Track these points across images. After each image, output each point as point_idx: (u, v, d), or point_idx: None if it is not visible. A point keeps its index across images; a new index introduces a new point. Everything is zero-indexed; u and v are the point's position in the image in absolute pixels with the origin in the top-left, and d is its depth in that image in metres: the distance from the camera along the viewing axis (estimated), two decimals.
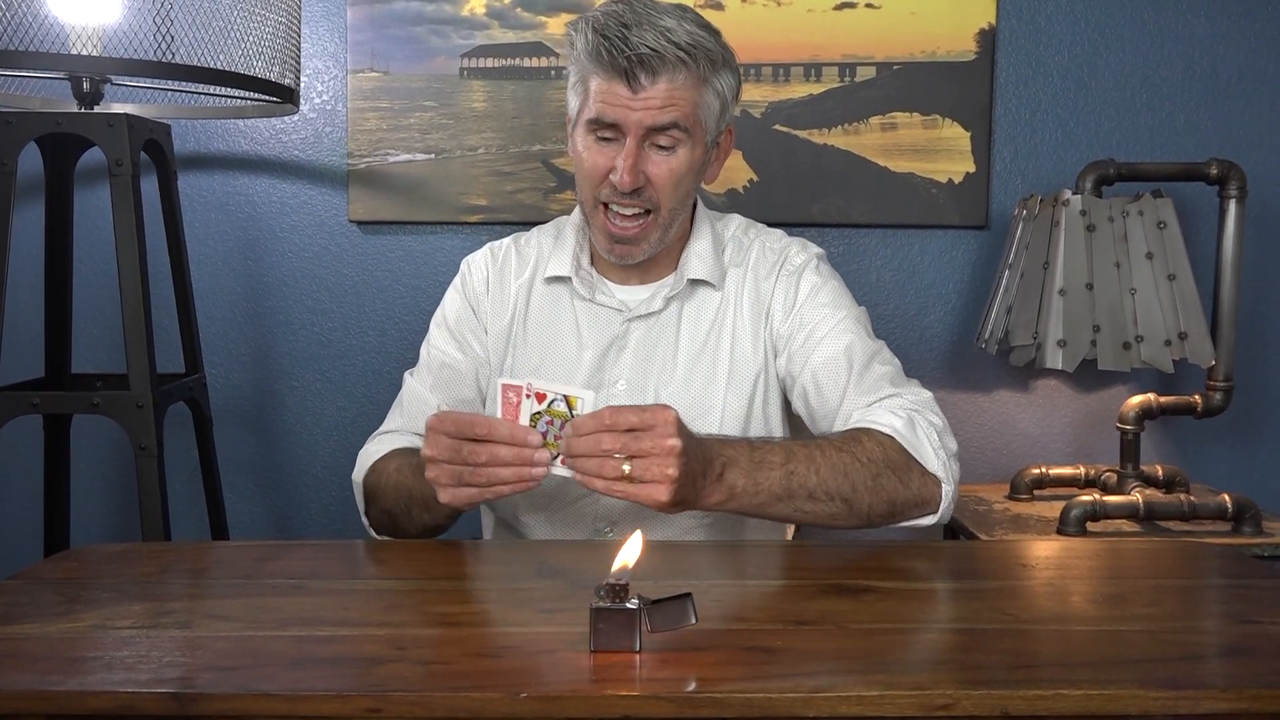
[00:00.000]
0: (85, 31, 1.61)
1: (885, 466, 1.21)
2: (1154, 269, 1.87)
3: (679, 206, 1.38)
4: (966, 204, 2.15)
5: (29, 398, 1.70)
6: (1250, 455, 2.24)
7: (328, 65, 2.16)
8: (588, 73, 1.33)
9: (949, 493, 1.25)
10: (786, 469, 1.17)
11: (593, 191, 1.36)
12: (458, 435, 1.11)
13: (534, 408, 1.09)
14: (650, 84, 1.29)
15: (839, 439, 1.24)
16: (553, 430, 1.09)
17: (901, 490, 1.22)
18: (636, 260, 1.40)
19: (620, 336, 1.43)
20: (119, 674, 0.83)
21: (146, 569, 1.13)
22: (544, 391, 1.09)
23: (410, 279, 2.18)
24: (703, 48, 1.31)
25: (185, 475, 2.13)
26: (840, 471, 1.19)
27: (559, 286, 1.47)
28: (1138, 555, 1.28)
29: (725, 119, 1.40)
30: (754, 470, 1.15)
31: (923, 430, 1.27)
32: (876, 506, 1.21)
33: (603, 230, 1.38)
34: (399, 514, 1.32)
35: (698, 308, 1.44)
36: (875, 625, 0.96)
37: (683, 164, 1.35)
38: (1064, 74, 2.16)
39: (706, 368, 1.42)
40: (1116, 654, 0.89)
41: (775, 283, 1.44)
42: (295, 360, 2.20)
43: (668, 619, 0.87)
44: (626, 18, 1.29)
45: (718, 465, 1.13)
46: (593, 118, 1.33)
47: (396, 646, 0.89)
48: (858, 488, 1.19)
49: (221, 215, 2.17)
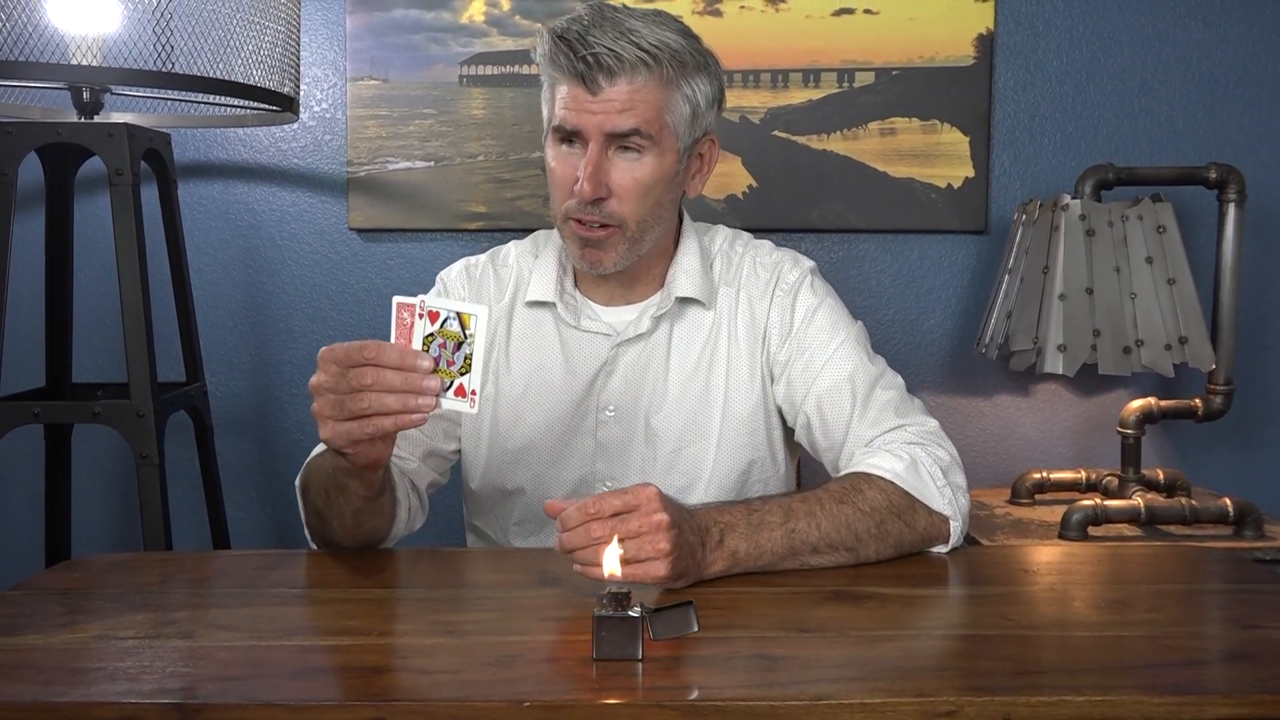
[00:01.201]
0: (85, 41, 1.61)
1: (889, 513, 1.19)
2: (1154, 273, 1.87)
3: (648, 218, 1.31)
4: (966, 209, 2.16)
5: (30, 407, 1.70)
6: (1251, 459, 2.24)
7: (327, 73, 2.16)
8: (552, 79, 1.29)
9: (958, 529, 1.23)
10: (787, 528, 1.14)
11: (562, 205, 1.31)
12: (347, 364, 1.03)
13: (427, 329, 1.03)
14: (609, 85, 1.24)
15: (839, 489, 1.20)
16: (445, 354, 1.04)
17: (908, 533, 1.20)
18: (607, 270, 1.33)
19: (609, 361, 1.38)
20: (122, 685, 0.83)
21: (148, 579, 1.13)
22: (437, 310, 1.05)
23: (410, 286, 2.18)
24: (669, 49, 1.26)
25: (186, 484, 2.13)
26: (843, 524, 1.16)
27: (541, 311, 1.41)
28: (1139, 560, 1.28)
29: (702, 126, 1.33)
30: (753, 533, 1.12)
31: (925, 471, 1.23)
32: (884, 551, 1.19)
33: (573, 238, 1.32)
34: (324, 508, 1.22)
35: (689, 328, 1.39)
36: (878, 632, 0.96)
37: (649, 173, 1.28)
38: (1062, 79, 2.16)
39: (699, 391, 1.38)
40: (1119, 660, 0.89)
41: (770, 304, 1.39)
42: (296, 368, 2.20)
43: (670, 627, 0.87)
44: (589, 20, 1.26)
45: (715, 533, 1.10)
46: (556, 124, 1.29)
47: (400, 656, 0.89)
48: (862, 537, 1.17)
49: (222, 224, 2.18)
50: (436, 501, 2.25)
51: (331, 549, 1.26)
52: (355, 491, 1.16)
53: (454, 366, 1.04)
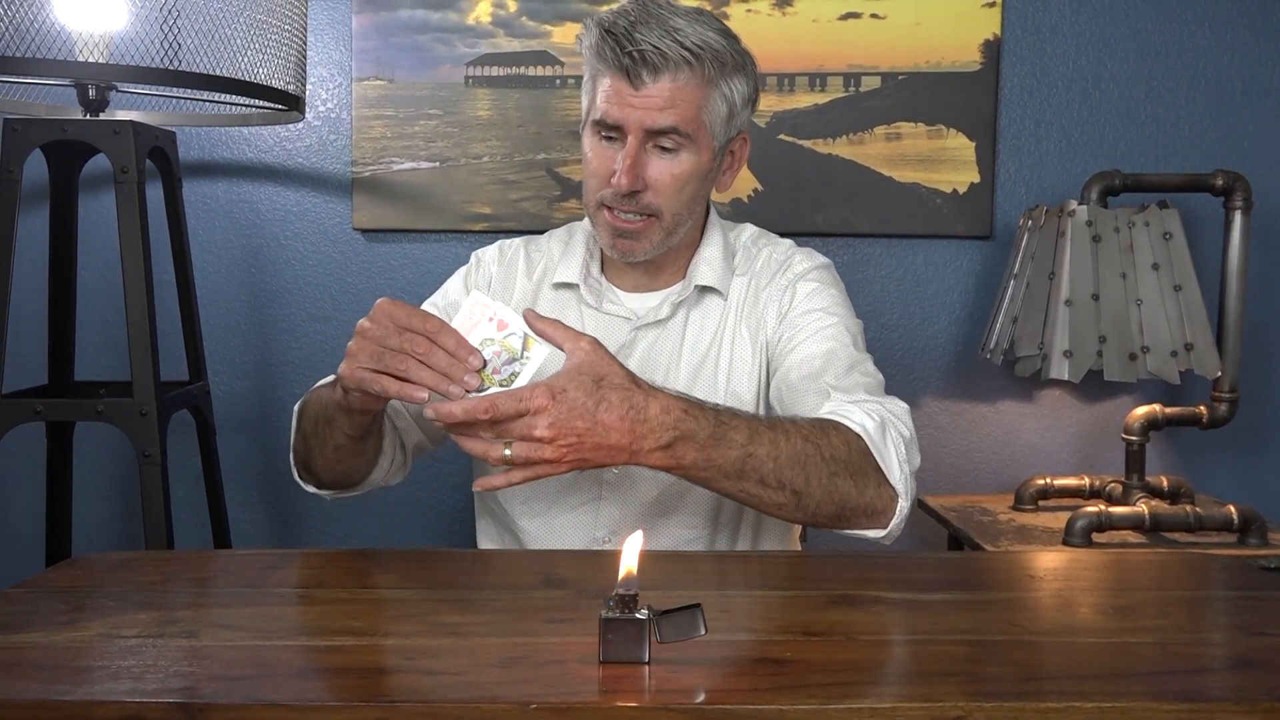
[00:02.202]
0: (91, 39, 1.61)
1: (844, 467, 1.16)
2: (1160, 280, 1.87)
3: (683, 212, 1.36)
4: (971, 214, 2.15)
5: (33, 405, 1.70)
6: (1255, 466, 2.23)
7: (333, 73, 2.16)
8: (595, 71, 1.32)
9: (903, 509, 1.20)
10: (746, 450, 1.11)
11: (596, 194, 1.35)
12: (405, 325, 1.07)
13: (491, 332, 1.05)
14: (652, 81, 1.28)
15: (807, 427, 1.17)
16: (495, 362, 1.05)
17: (855, 496, 1.17)
18: (638, 259, 1.38)
19: (627, 344, 1.41)
20: (125, 683, 0.83)
21: (151, 577, 1.13)
22: (507, 321, 1.06)
23: (414, 287, 2.18)
24: (711, 49, 1.29)
25: (188, 483, 2.13)
26: (799, 463, 1.13)
27: (566, 293, 1.46)
28: (1144, 567, 1.28)
29: (736, 125, 1.38)
30: (710, 446, 1.10)
31: (892, 439, 1.21)
32: (825, 506, 1.16)
33: (606, 226, 1.36)
34: (310, 435, 1.26)
35: (703, 315, 1.43)
36: (885, 636, 0.96)
37: (686, 169, 1.33)
38: (1069, 84, 2.16)
39: (708, 376, 1.41)
40: (1127, 666, 0.89)
41: (773, 290, 1.42)
42: (299, 368, 2.20)
43: (677, 630, 0.87)
44: (636, 15, 1.28)
45: (666, 436, 1.08)
46: (597, 119, 1.32)
47: (405, 657, 0.89)
48: (811, 482, 1.14)
49: (226, 223, 2.17)
50: (441, 503, 2.26)
51: (308, 478, 1.33)
52: (341, 428, 1.21)
53: (498, 376, 1.05)
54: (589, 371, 1.06)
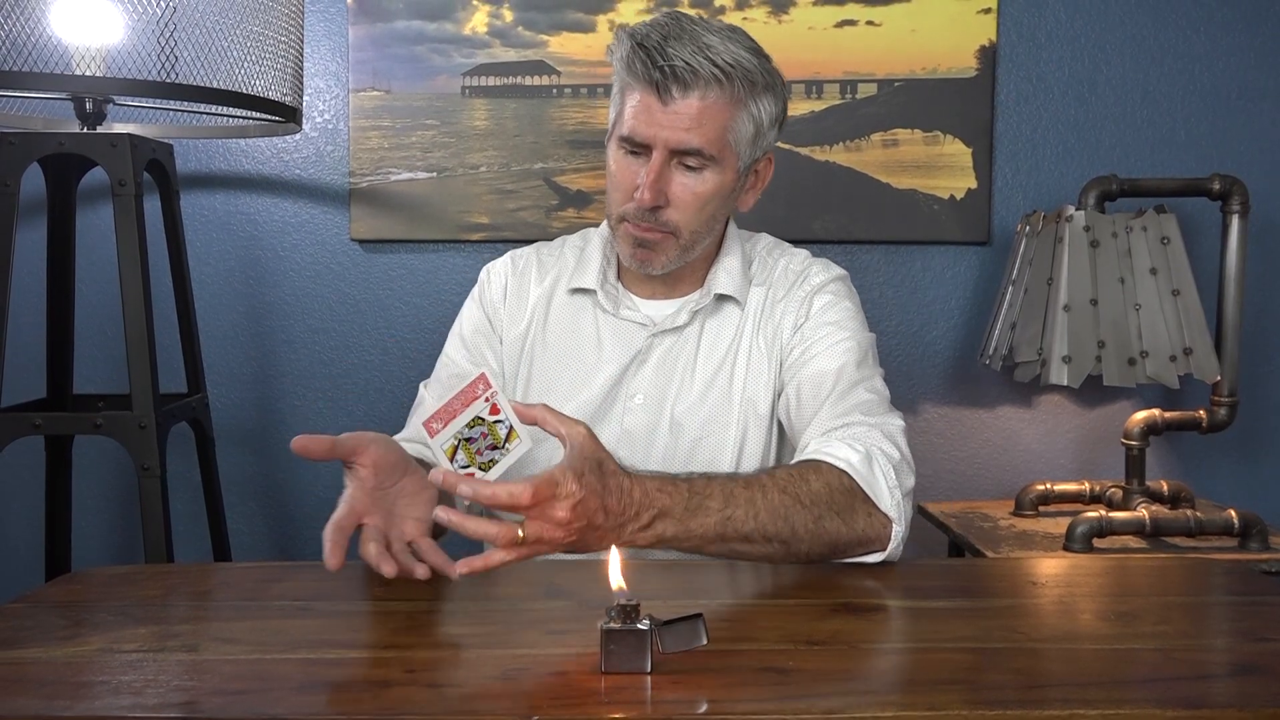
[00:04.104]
0: (88, 52, 1.61)
1: (829, 508, 1.16)
2: (1158, 284, 1.87)
3: (701, 230, 1.36)
4: (968, 220, 2.16)
5: (31, 419, 1.70)
6: (1255, 470, 2.23)
7: (329, 84, 2.16)
8: (625, 84, 1.32)
9: (899, 533, 1.20)
10: (723, 514, 1.11)
11: (619, 207, 1.35)
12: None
13: (483, 413, 1.05)
14: (681, 97, 1.28)
15: (784, 477, 1.17)
16: (480, 444, 1.05)
17: (845, 532, 1.17)
18: (655, 272, 1.38)
19: (643, 351, 1.42)
20: (126, 698, 0.82)
21: (151, 591, 1.13)
22: (500, 408, 1.06)
23: (412, 297, 2.18)
24: (742, 68, 1.29)
25: (187, 496, 2.13)
26: (780, 516, 1.14)
27: (582, 298, 1.46)
28: (1146, 572, 1.28)
29: (762, 145, 1.38)
30: (687, 518, 1.10)
31: (880, 467, 1.21)
32: (816, 548, 1.16)
33: (626, 238, 1.36)
34: None
35: (720, 324, 1.43)
36: (887, 645, 0.96)
37: (708, 188, 1.33)
38: (1065, 90, 2.16)
39: (723, 384, 1.41)
40: (1129, 673, 0.89)
41: (791, 302, 1.42)
42: (297, 379, 2.20)
43: (679, 640, 0.87)
44: (668, 30, 1.28)
45: (646, 517, 1.08)
46: (624, 134, 1.32)
47: (407, 669, 0.89)
48: (798, 531, 1.14)
49: (223, 234, 2.17)
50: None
51: None
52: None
53: (479, 458, 1.05)
54: (591, 456, 1.03)
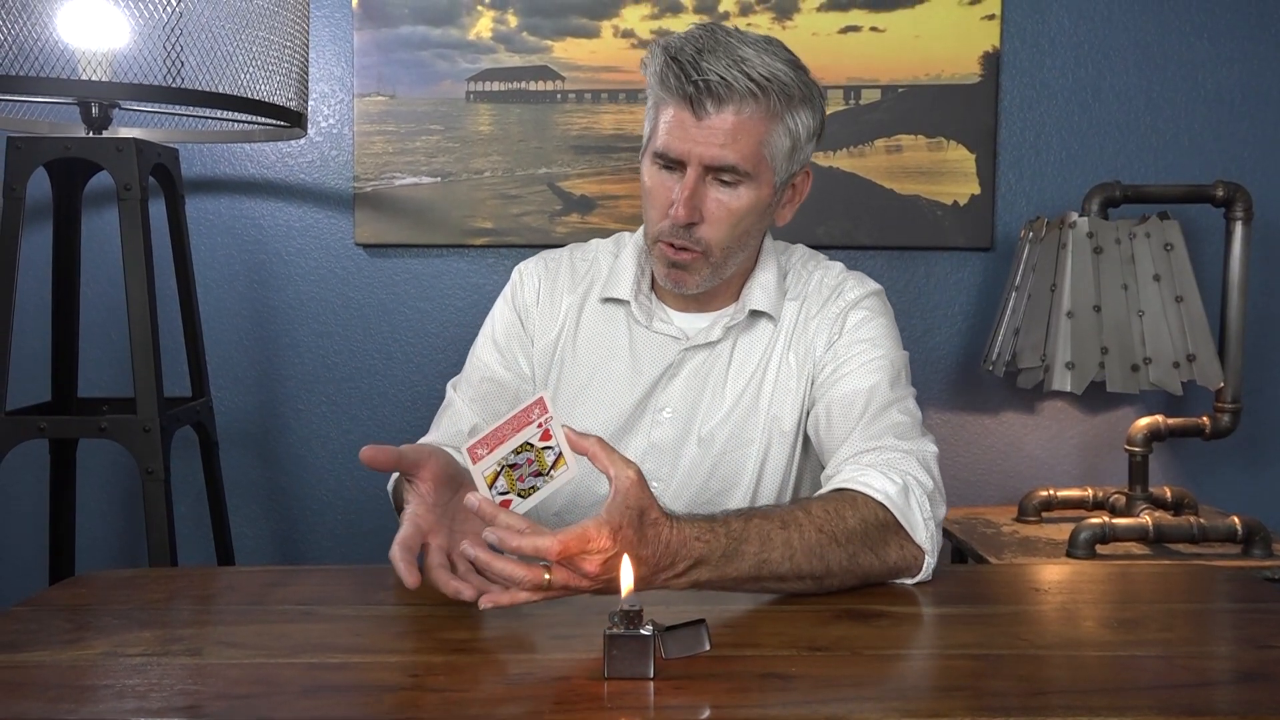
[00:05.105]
0: (94, 57, 1.62)
1: (864, 544, 1.15)
2: (1161, 291, 1.87)
3: (734, 246, 1.33)
4: (972, 226, 2.16)
5: (36, 422, 1.70)
6: (1258, 477, 2.23)
7: (334, 89, 2.16)
8: (659, 99, 1.30)
9: (930, 565, 1.19)
10: (759, 559, 1.09)
11: (656, 226, 1.33)
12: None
13: (533, 438, 1.05)
14: (716, 112, 1.25)
15: (821, 515, 1.15)
16: (524, 469, 1.03)
17: (878, 565, 1.16)
18: (689, 291, 1.36)
19: (675, 364, 1.40)
20: (130, 702, 0.83)
21: (155, 595, 1.13)
22: (552, 433, 1.05)
23: (416, 302, 2.19)
24: (778, 81, 1.26)
25: (191, 499, 2.13)
26: (816, 555, 1.12)
27: (615, 308, 1.44)
28: (1149, 579, 1.28)
29: (799, 159, 1.34)
30: (723, 565, 1.07)
31: (915, 499, 1.20)
32: (849, 580, 1.15)
33: (661, 257, 1.34)
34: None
35: (751, 340, 1.41)
36: (890, 651, 0.96)
37: (744, 204, 1.30)
38: (1068, 96, 2.17)
39: (750, 400, 1.39)
40: (1132, 680, 0.89)
41: (824, 318, 1.40)
42: (301, 384, 2.20)
43: (682, 645, 0.87)
44: (703, 43, 1.25)
45: (681, 565, 1.05)
46: (658, 150, 1.29)
47: (410, 674, 0.89)
48: (831, 568, 1.13)
49: (228, 239, 2.18)
50: None
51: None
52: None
53: (520, 484, 1.03)
54: (635, 505, 1.00)
